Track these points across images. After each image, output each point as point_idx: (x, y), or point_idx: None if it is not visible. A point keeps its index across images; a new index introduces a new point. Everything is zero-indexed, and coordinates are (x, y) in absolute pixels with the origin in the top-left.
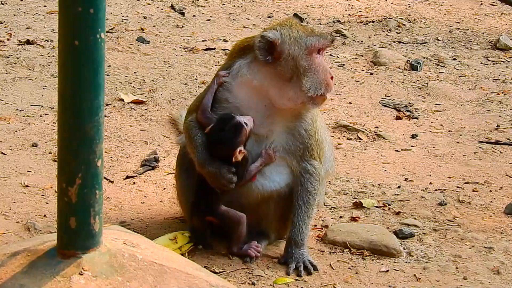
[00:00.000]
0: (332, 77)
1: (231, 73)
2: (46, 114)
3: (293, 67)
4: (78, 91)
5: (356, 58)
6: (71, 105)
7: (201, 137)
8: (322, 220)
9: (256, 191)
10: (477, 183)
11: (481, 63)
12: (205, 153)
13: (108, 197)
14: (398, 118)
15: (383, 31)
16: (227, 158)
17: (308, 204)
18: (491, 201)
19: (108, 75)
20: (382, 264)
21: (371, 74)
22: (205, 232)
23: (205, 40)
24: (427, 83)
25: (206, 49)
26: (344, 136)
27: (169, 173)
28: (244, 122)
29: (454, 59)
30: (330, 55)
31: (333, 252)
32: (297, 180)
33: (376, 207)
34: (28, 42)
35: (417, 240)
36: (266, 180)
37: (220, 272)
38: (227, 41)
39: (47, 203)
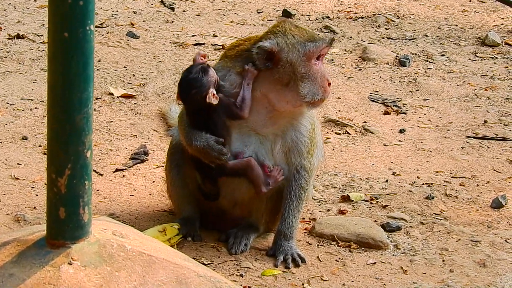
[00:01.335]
0: (329, 83)
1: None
2: (36, 108)
3: (291, 73)
4: (68, 82)
5: (345, 53)
6: (61, 97)
7: (187, 121)
8: (310, 213)
9: None
10: (464, 177)
11: (470, 59)
12: (191, 130)
13: (97, 190)
14: (386, 113)
15: (372, 27)
16: (204, 106)
17: (300, 199)
18: (478, 195)
19: (98, 70)
20: (369, 257)
21: (360, 69)
22: (194, 223)
23: (195, 35)
24: (416, 79)
25: (195, 44)
26: (332, 131)
27: (158, 166)
28: (207, 65)
29: (442, 55)
30: None
31: (320, 245)
32: (291, 176)
33: (364, 200)
34: (18, 36)
35: (404, 233)
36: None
37: (208, 263)
38: (217, 36)
39: (37, 195)
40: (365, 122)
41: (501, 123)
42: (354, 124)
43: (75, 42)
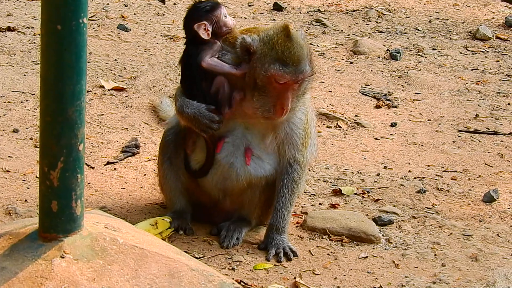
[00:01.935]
0: (284, 109)
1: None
2: (27, 100)
3: (253, 78)
4: (60, 75)
5: (336, 47)
6: (54, 89)
7: (181, 93)
8: (302, 206)
9: (248, 174)
10: (456, 171)
11: (461, 53)
12: (184, 99)
13: (88, 183)
14: (377, 106)
15: (363, 20)
16: (196, 40)
17: (292, 192)
18: (470, 189)
19: (89, 62)
20: (361, 251)
21: (351, 63)
22: (186, 216)
23: None
24: (407, 72)
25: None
26: (323, 124)
27: (149, 159)
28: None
29: (433, 49)
30: (311, 44)
31: (312, 239)
32: (284, 169)
33: (356, 194)
34: (9, 29)
35: (396, 227)
36: (258, 166)
37: (200, 257)
38: None
39: (28, 188)
40: (356, 115)
41: (492, 117)
42: (345, 118)
43: (68, 34)
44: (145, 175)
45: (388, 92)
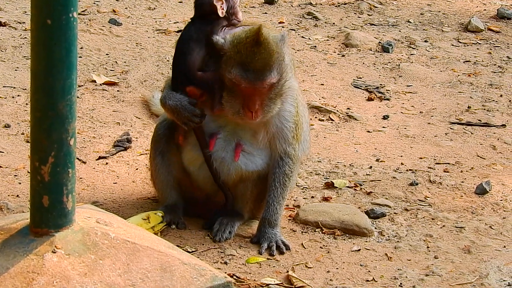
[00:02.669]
0: (252, 112)
1: None
2: (18, 95)
3: (222, 78)
4: (51, 69)
5: (328, 40)
6: (44, 84)
7: (168, 86)
8: (294, 200)
9: (239, 169)
10: (448, 163)
11: (452, 45)
12: (169, 91)
13: (80, 178)
14: (369, 99)
15: (354, 13)
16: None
17: (284, 186)
18: (462, 181)
19: (80, 57)
20: (353, 244)
21: (343, 56)
22: (178, 210)
23: (177, 22)
24: (399, 65)
25: (178, 31)
26: (316, 117)
27: (141, 154)
28: None
29: (425, 41)
30: (302, 37)
31: (305, 232)
32: (276, 162)
33: (348, 187)
34: (0, 24)
35: (389, 219)
36: (249, 161)
37: (192, 251)
38: None
39: (20, 183)
40: (348, 108)
41: (484, 109)
42: (337, 111)
43: (58, 29)
44: (137, 169)
45: (380, 84)
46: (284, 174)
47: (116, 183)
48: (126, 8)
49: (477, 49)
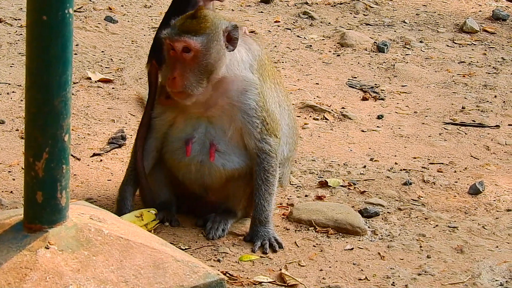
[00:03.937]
0: (171, 79)
1: None
2: (13, 92)
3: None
4: (46, 66)
5: (323, 39)
6: (39, 80)
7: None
8: (288, 198)
9: (218, 170)
10: (442, 163)
11: (447, 45)
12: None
13: (74, 174)
14: (364, 99)
15: (350, 13)
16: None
17: (268, 182)
18: (456, 182)
19: (76, 54)
20: (346, 242)
21: (338, 55)
22: (171, 207)
23: None
24: (394, 65)
25: None
26: (310, 116)
27: None
28: None
29: (420, 42)
30: (298, 36)
31: (298, 230)
32: (253, 160)
33: (342, 186)
34: None
35: (382, 219)
36: (226, 160)
37: (186, 248)
38: None
39: (14, 180)
40: (343, 108)
41: (478, 110)
42: (332, 110)
43: (54, 25)
44: None
45: (375, 84)
46: (264, 170)
47: (110, 180)
48: (122, 5)
49: (472, 50)
